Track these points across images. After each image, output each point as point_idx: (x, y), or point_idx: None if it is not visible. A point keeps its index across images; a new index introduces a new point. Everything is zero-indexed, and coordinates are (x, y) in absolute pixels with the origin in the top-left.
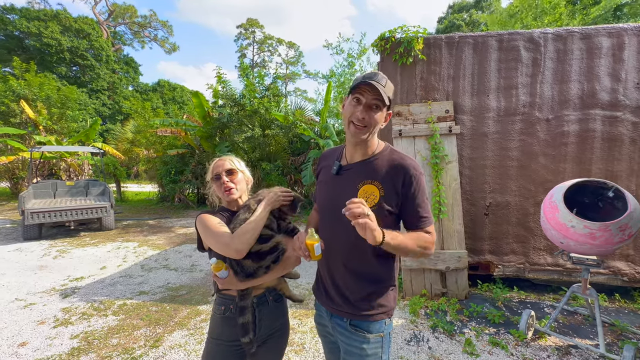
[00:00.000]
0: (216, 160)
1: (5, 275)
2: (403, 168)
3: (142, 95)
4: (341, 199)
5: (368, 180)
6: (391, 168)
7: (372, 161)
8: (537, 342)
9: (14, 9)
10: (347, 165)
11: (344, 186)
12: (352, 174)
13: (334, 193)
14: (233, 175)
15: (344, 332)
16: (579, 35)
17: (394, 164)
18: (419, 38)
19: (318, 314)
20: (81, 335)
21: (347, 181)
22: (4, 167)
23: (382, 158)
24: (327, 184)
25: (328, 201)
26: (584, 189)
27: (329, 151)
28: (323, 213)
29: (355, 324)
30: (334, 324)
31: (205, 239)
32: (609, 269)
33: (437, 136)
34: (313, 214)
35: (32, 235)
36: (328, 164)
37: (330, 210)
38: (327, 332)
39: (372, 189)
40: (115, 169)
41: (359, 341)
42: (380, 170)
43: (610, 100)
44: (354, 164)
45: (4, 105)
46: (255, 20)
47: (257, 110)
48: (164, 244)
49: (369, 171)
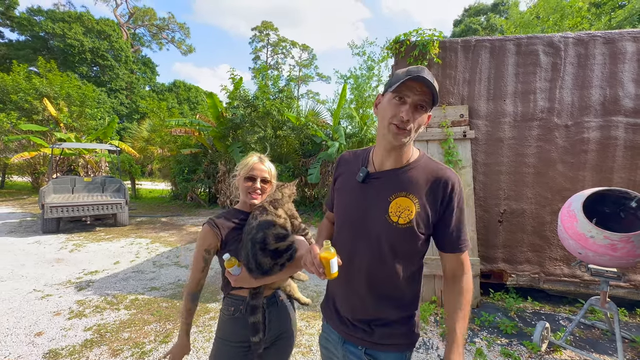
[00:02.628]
0: (255, 161)
1: (25, 266)
2: (445, 180)
3: (159, 95)
4: (368, 212)
5: (402, 192)
6: (430, 180)
7: (406, 171)
8: (551, 356)
9: (40, 10)
10: (375, 173)
11: (372, 197)
12: (383, 184)
13: (359, 204)
14: (266, 185)
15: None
16: (601, 39)
17: (433, 175)
18: (435, 41)
19: (325, 337)
20: (94, 328)
21: (376, 192)
22: (26, 162)
23: (419, 168)
24: (350, 193)
25: (351, 213)
26: (605, 199)
27: (350, 155)
28: (343, 225)
29: (371, 353)
30: (345, 352)
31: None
32: (630, 282)
33: (450, 141)
34: (325, 223)
35: (50, 229)
36: (350, 170)
37: (353, 223)
38: (331, 358)
39: (407, 202)
40: (130, 166)
41: None
42: (417, 182)
43: (635, 107)
44: (385, 172)
45: (28, 102)
46: (270, 22)
47: (270, 111)
48: (176, 241)
49: (403, 182)
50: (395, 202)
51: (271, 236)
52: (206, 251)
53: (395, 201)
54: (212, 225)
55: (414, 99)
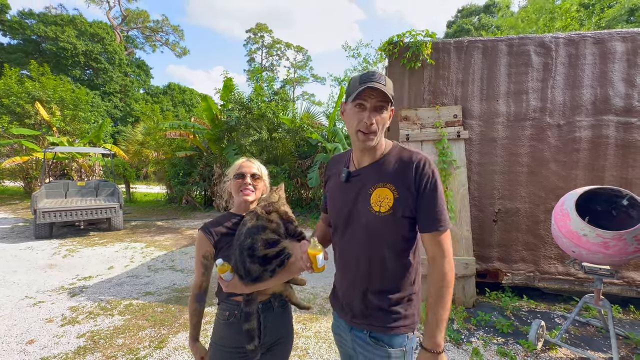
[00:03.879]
0: (243, 160)
1: (17, 272)
2: (413, 162)
3: (153, 98)
4: (354, 207)
5: (379, 183)
6: (401, 165)
7: (381, 163)
8: (547, 354)
9: (32, 13)
10: (356, 171)
11: (355, 193)
12: (362, 179)
13: (345, 201)
14: (257, 180)
15: (364, 345)
16: (591, 39)
17: (404, 160)
18: (428, 42)
19: (336, 324)
20: (87, 335)
21: (358, 187)
22: (18, 167)
23: (391, 157)
24: (336, 192)
25: (340, 210)
26: (597, 197)
27: (337, 157)
28: (335, 222)
29: (375, 336)
30: (353, 337)
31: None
32: (623, 279)
33: (445, 141)
34: (319, 225)
35: (43, 234)
36: (336, 172)
37: (344, 219)
38: (344, 343)
39: (385, 192)
40: (124, 170)
41: (379, 355)
42: (392, 171)
43: (625, 106)
44: (363, 168)
45: (20, 106)
46: (264, 25)
47: (265, 113)
48: (171, 245)
49: (379, 173)
50: (376, 193)
51: (260, 242)
52: (204, 257)
53: (375, 192)
54: (205, 232)
55: (371, 103)
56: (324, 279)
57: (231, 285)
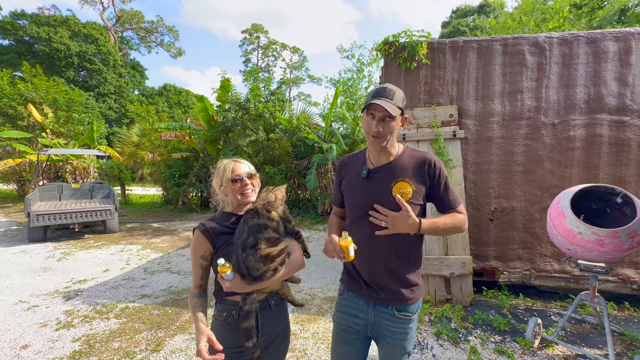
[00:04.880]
0: (231, 163)
1: (10, 277)
2: (426, 160)
3: (148, 99)
4: (377, 197)
5: (399, 178)
6: (416, 164)
7: (398, 162)
8: (544, 351)
9: (24, 14)
10: (375, 169)
11: (377, 186)
12: (383, 175)
13: (368, 195)
14: (253, 179)
15: (391, 318)
16: (584, 39)
17: (417, 159)
18: (423, 42)
19: (346, 304)
20: (83, 339)
21: (379, 182)
22: (11, 169)
23: (406, 157)
24: (356, 188)
25: (363, 203)
26: (591, 195)
27: (349, 158)
28: (358, 213)
29: (401, 309)
30: (377, 312)
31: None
32: (618, 276)
33: (441, 140)
34: (333, 219)
35: (37, 237)
36: (352, 170)
37: (367, 211)
38: (354, 322)
39: (405, 185)
40: (120, 172)
41: (405, 322)
42: (408, 168)
43: (618, 104)
44: (382, 166)
45: (12, 108)
46: (260, 25)
47: (262, 114)
48: (167, 247)
49: (398, 170)
50: (397, 187)
51: (263, 241)
52: (202, 258)
53: (396, 186)
54: (202, 230)
55: (378, 115)
56: (322, 279)
57: (232, 285)
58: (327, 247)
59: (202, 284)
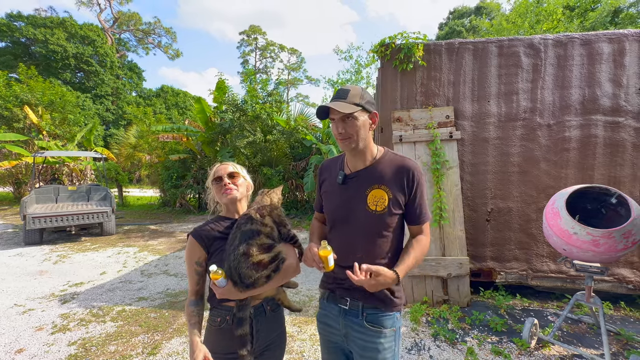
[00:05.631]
0: (218, 165)
1: (5, 280)
2: (406, 169)
3: (146, 100)
4: (351, 206)
5: (375, 185)
6: (395, 170)
7: (375, 167)
8: (540, 352)
9: (20, 16)
10: (351, 174)
11: (351, 194)
12: (359, 182)
13: (343, 202)
14: (235, 178)
15: (360, 329)
16: (579, 41)
17: (397, 166)
18: (419, 44)
19: (324, 313)
20: (79, 342)
21: (354, 189)
22: (7, 172)
23: (384, 162)
24: (334, 194)
25: (338, 210)
26: (586, 195)
27: (329, 162)
28: (334, 220)
29: (371, 319)
30: (347, 322)
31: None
32: (614, 276)
33: (437, 142)
34: (315, 224)
35: (33, 240)
36: (331, 175)
37: (342, 217)
38: (330, 332)
39: (381, 193)
40: (117, 173)
41: (375, 336)
42: (386, 174)
43: (612, 105)
44: (358, 171)
45: (8, 110)
46: (258, 27)
47: (259, 115)
48: (165, 249)
49: (374, 176)
50: (372, 194)
51: (255, 247)
52: (197, 264)
53: (371, 193)
54: (196, 236)
55: (336, 117)
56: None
57: (225, 292)
58: (306, 256)
59: (199, 290)
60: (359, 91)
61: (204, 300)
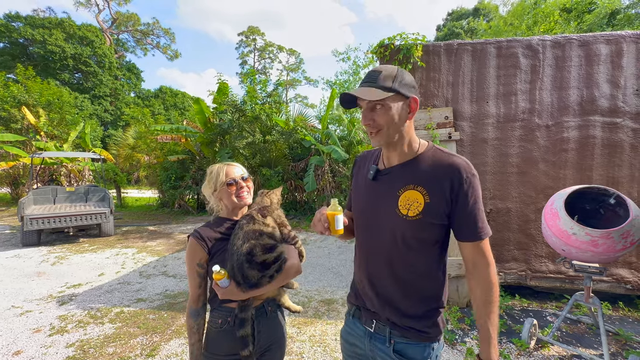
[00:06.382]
0: (224, 167)
1: (3, 282)
2: (452, 168)
3: (144, 101)
4: (380, 207)
5: (410, 185)
6: (437, 170)
7: (414, 164)
8: (539, 352)
9: (19, 16)
10: (385, 170)
11: (381, 193)
12: (391, 179)
13: (371, 201)
14: (247, 181)
15: (387, 357)
16: (577, 42)
17: (440, 164)
18: (418, 45)
19: (348, 331)
20: (77, 344)
21: (385, 187)
22: (4, 173)
23: (426, 159)
24: (363, 191)
25: (365, 210)
26: (585, 196)
27: (365, 153)
28: (359, 221)
29: (399, 350)
30: (373, 347)
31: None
32: (612, 276)
33: (436, 142)
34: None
35: (31, 242)
36: (363, 169)
37: (368, 219)
38: (355, 352)
39: (415, 195)
40: (115, 174)
41: None
42: (424, 173)
43: (610, 106)
44: (393, 167)
45: (5, 111)
46: (257, 27)
47: (258, 116)
48: (163, 250)
49: (410, 175)
50: (404, 196)
51: (258, 247)
52: (199, 265)
53: (404, 194)
54: (197, 238)
55: (364, 106)
56: (318, 282)
57: (227, 292)
58: (314, 219)
59: (201, 294)
60: (393, 72)
61: (205, 310)
